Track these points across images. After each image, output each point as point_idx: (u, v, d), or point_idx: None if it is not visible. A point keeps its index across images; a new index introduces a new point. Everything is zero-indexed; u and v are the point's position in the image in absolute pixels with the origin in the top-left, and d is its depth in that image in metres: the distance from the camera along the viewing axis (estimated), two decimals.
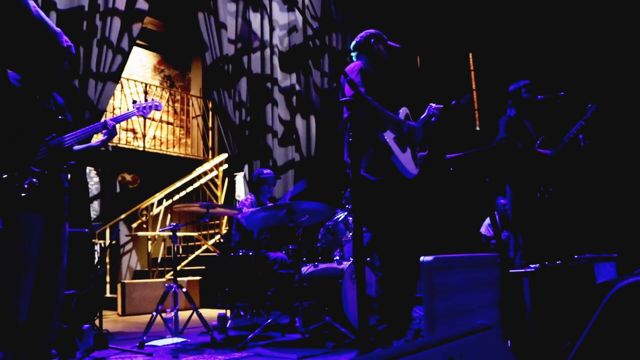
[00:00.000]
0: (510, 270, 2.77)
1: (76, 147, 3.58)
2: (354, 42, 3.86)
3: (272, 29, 8.14)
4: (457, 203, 7.04)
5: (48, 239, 3.30)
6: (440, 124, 3.78)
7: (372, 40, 3.80)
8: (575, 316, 2.69)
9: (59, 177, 3.36)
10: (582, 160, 4.89)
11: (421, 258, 2.28)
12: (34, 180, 3.13)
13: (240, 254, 4.83)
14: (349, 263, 4.59)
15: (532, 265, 2.83)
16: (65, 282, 3.46)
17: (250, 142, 7.69)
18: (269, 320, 4.32)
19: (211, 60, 7.50)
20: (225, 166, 9.39)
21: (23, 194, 3.08)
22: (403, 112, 3.73)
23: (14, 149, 3.09)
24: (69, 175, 5.18)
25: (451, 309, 2.35)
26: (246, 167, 7.63)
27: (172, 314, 4.47)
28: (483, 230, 7.56)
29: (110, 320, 6.61)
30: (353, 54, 3.87)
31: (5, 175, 3.04)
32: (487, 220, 7.37)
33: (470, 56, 8.99)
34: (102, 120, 3.61)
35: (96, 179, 9.85)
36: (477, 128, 8.29)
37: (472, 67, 8.97)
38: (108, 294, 8.29)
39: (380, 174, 3.46)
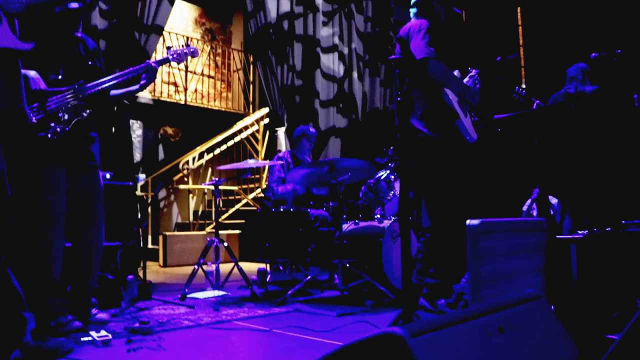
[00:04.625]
0: (557, 237, 2.70)
1: (114, 92, 3.53)
2: None
3: None
4: (503, 166, 6.88)
5: (78, 189, 3.28)
6: (483, 87, 3.74)
7: (435, 1, 3.69)
8: (624, 285, 2.63)
9: (85, 126, 3.28)
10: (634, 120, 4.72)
11: (467, 222, 2.24)
12: (58, 128, 3.08)
13: (282, 209, 4.85)
14: (389, 222, 4.57)
15: (580, 232, 2.76)
16: (105, 233, 3.47)
17: (292, 100, 7.62)
18: (309, 277, 4.35)
19: (254, 19, 7.41)
20: (266, 120, 9.39)
21: (47, 143, 3.04)
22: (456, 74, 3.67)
23: (37, 96, 3.02)
24: (113, 129, 5.25)
25: (496, 273, 2.32)
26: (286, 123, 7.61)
27: (214, 267, 4.54)
28: (525, 208, 7.26)
29: (152, 271, 6.77)
30: (412, 10, 3.76)
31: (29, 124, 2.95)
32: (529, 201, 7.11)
33: (519, 11, 8.68)
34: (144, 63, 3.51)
35: (139, 132, 9.97)
36: (524, 86, 8.05)
37: (520, 23, 8.67)
38: (150, 245, 8.48)
39: (446, 134, 3.47)
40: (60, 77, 3.20)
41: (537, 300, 1.55)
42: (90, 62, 3.41)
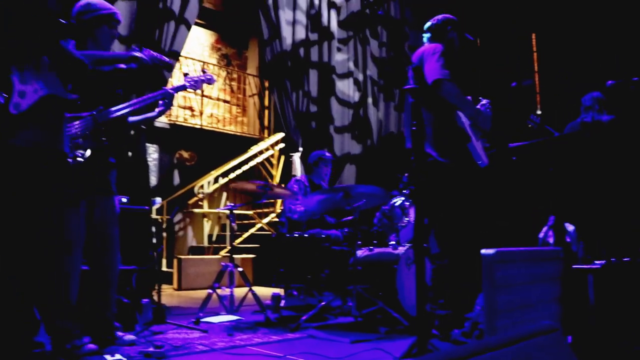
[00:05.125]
0: (574, 266, 2.68)
1: (132, 118, 3.57)
2: (429, 24, 3.82)
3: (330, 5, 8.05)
4: (519, 194, 6.85)
5: (96, 216, 3.32)
6: (496, 114, 3.76)
7: (449, 27, 3.76)
8: None
9: (103, 152, 3.31)
10: None
11: (482, 251, 2.23)
12: (77, 153, 3.12)
13: (296, 235, 4.86)
14: (404, 248, 4.56)
15: (597, 262, 2.74)
16: (121, 258, 3.51)
17: (308, 126, 7.66)
18: (323, 303, 4.34)
19: (270, 46, 7.48)
20: (282, 145, 9.43)
21: (67, 170, 3.06)
22: None
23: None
24: (130, 153, 5.29)
25: (512, 303, 2.31)
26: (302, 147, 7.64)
27: (228, 291, 4.53)
28: (542, 235, 7.13)
29: (167, 294, 6.78)
30: (425, 35, 3.83)
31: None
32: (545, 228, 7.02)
33: (534, 37, 8.70)
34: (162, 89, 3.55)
35: (155, 156, 10.06)
36: (539, 112, 8.03)
37: (534, 49, 8.69)
38: (164, 268, 8.50)
39: (456, 158, 3.47)
40: (78, 102, 3.26)
41: (552, 332, 1.54)
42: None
